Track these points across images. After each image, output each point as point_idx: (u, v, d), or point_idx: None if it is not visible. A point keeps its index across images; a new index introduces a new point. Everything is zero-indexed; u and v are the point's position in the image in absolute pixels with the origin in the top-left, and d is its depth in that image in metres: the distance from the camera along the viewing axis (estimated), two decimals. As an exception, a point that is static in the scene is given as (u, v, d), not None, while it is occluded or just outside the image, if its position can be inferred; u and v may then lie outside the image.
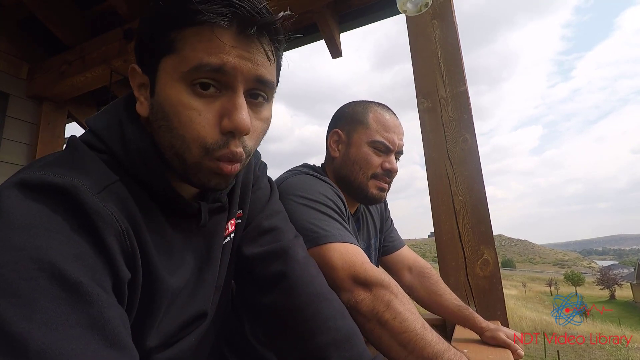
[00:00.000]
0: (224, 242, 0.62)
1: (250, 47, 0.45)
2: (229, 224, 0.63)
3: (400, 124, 1.02)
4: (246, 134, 0.47)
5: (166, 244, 0.50)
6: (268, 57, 0.47)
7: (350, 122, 1.01)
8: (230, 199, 0.63)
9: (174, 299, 0.51)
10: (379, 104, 1.03)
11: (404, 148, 1.02)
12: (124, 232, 0.42)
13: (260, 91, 0.48)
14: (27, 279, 0.32)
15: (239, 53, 0.44)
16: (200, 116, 0.45)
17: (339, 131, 1.02)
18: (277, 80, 0.52)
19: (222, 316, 0.68)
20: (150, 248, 0.46)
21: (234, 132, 0.46)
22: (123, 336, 0.36)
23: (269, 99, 0.51)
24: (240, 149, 0.47)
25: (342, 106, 1.07)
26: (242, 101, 0.46)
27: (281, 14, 0.46)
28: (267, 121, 0.51)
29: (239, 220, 0.67)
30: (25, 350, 0.29)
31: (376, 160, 0.97)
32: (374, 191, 0.98)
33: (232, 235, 0.64)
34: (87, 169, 0.43)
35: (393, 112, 1.03)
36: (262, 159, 0.76)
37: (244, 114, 0.45)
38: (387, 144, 0.97)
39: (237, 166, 0.49)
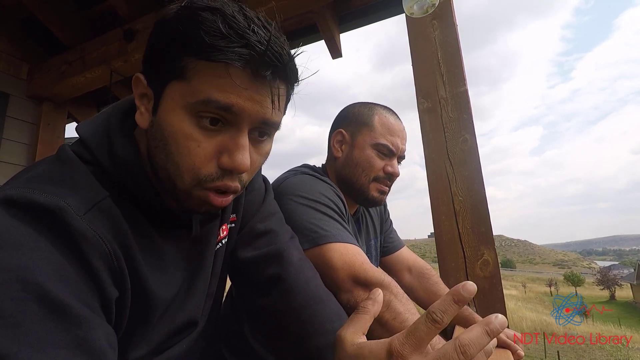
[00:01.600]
0: (217, 248, 0.62)
1: (262, 89, 0.44)
2: (221, 229, 0.63)
3: (404, 129, 1.02)
4: (244, 172, 0.47)
5: (157, 258, 0.50)
6: (279, 99, 0.47)
7: (355, 123, 1.00)
8: None
9: (165, 309, 0.51)
10: (385, 107, 1.03)
11: (405, 152, 1.02)
12: (111, 253, 0.41)
13: (265, 131, 0.49)
14: (14, 300, 0.32)
15: (250, 95, 0.44)
16: (199, 147, 0.44)
17: (343, 131, 1.01)
18: (284, 113, 0.52)
19: (214, 322, 0.67)
20: (139, 265, 0.46)
21: (232, 171, 0.46)
22: (107, 356, 0.36)
23: (271, 135, 0.51)
24: (236, 184, 0.48)
25: (347, 106, 1.06)
26: (245, 142, 0.46)
27: (294, 53, 0.46)
28: (266, 155, 0.52)
29: (233, 225, 0.66)
30: None
31: (379, 163, 0.97)
32: (375, 194, 0.98)
33: (224, 241, 0.64)
34: (76, 185, 0.43)
35: (398, 116, 1.03)
36: None
37: (246, 155, 0.45)
38: (391, 147, 0.97)
39: (228, 199, 0.49)
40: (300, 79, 0.49)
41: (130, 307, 0.45)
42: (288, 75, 0.47)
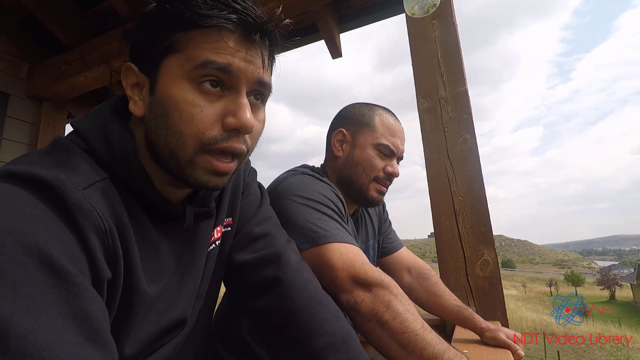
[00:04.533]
0: (210, 249, 0.61)
1: (252, 51, 0.47)
2: (215, 230, 0.62)
3: (403, 130, 1.03)
4: (250, 132, 0.49)
5: (150, 247, 0.50)
6: (267, 61, 0.50)
7: (356, 123, 1.01)
8: (218, 205, 0.62)
9: (152, 305, 0.50)
10: (384, 108, 1.03)
11: (404, 153, 1.03)
12: (107, 230, 0.41)
13: (260, 93, 0.51)
14: (15, 263, 0.31)
15: (243, 56, 0.46)
16: (202, 112, 0.46)
17: (344, 131, 1.02)
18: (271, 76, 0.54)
19: (203, 325, 0.67)
20: (133, 249, 0.46)
21: (239, 130, 0.47)
22: (104, 331, 0.35)
23: (264, 101, 0.53)
24: (242, 146, 0.49)
25: (348, 106, 1.07)
26: (246, 101, 0.48)
27: (284, 21, 0.49)
28: (263, 122, 0.54)
29: (229, 228, 0.66)
30: (6, 335, 0.29)
31: (380, 163, 0.98)
32: (374, 194, 0.99)
33: (217, 242, 0.64)
34: (76, 165, 0.43)
35: (397, 118, 1.04)
36: (261, 160, 0.75)
37: (249, 113, 0.47)
38: (392, 147, 0.98)
39: (233, 164, 0.50)
40: (281, 45, 0.53)
41: (120, 294, 0.44)
42: (273, 37, 0.50)
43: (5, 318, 0.29)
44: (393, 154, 0.99)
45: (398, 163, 1.03)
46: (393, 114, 1.04)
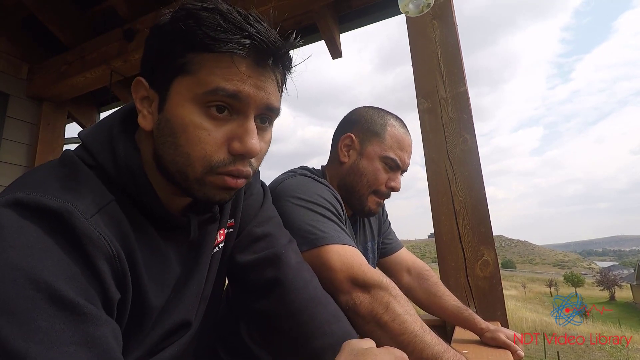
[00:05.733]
0: (213, 252, 0.62)
1: (264, 76, 0.48)
2: (219, 233, 0.63)
3: (412, 142, 1.02)
4: (255, 156, 0.49)
5: (157, 259, 0.51)
6: (278, 86, 0.50)
7: (366, 130, 0.99)
8: (221, 208, 0.63)
9: (159, 313, 0.52)
10: (397, 118, 1.02)
11: (408, 167, 1.03)
12: (116, 256, 0.42)
13: (268, 117, 0.51)
14: (24, 298, 0.33)
15: (254, 82, 0.47)
16: (209, 136, 0.46)
17: (353, 136, 1.00)
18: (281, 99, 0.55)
19: (208, 326, 0.67)
20: (140, 268, 0.47)
21: (244, 155, 0.48)
22: (115, 352, 0.37)
23: (272, 122, 0.53)
24: (248, 168, 0.50)
25: (359, 110, 1.05)
26: (253, 127, 0.48)
27: (292, 40, 0.49)
28: (269, 143, 0.54)
29: (231, 230, 0.67)
30: None
31: (384, 177, 0.97)
32: (372, 206, 0.99)
33: (221, 245, 0.64)
34: (82, 189, 0.44)
35: (407, 129, 1.03)
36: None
37: (255, 139, 0.48)
38: (399, 162, 0.97)
39: (242, 181, 0.51)
40: (293, 67, 0.53)
41: (129, 310, 0.46)
42: (285, 63, 0.51)
43: (21, 352, 0.31)
44: (398, 167, 0.98)
45: (401, 175, 1.03)
46: (404, 124, 1.02)
